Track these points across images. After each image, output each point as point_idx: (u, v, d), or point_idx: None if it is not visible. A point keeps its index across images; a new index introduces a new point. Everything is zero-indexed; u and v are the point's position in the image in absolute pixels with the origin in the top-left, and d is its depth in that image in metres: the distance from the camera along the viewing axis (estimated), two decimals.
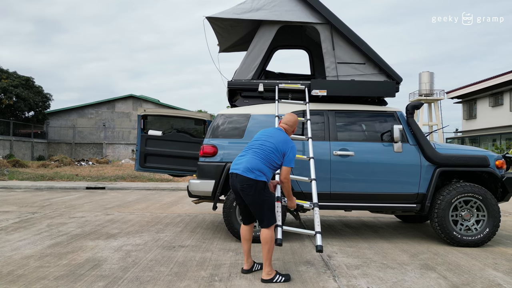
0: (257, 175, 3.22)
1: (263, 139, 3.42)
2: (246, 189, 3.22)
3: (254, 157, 3.30)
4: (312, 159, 4.25)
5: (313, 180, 4.04)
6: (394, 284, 3.25)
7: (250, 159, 3.30)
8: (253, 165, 3.24)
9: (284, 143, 3.36)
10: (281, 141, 3.36)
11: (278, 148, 3.33)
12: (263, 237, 3.23)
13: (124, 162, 22.67)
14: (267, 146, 3.34)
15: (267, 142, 3.37)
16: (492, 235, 4.50)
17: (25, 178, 13.00)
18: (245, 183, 3.21)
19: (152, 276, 3.36)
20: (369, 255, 4.13)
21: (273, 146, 3.33)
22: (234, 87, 5.25)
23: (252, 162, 3.27)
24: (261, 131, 3.58)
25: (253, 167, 3.24)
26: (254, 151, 3.36)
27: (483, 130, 27.31)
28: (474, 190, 4.49)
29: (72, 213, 6.71)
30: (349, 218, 6.57)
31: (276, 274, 3.25)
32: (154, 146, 5.77)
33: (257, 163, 3.26)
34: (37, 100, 28.25)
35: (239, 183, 3.25)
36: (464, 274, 3.52)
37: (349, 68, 5.15)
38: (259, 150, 3.34)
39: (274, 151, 3.31)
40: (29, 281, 3.21)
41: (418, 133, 4.71)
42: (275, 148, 3.32)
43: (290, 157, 3.32)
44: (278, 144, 3.34)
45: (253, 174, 3.22)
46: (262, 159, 3.29)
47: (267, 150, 3.32)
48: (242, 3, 5.16)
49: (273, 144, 3.34)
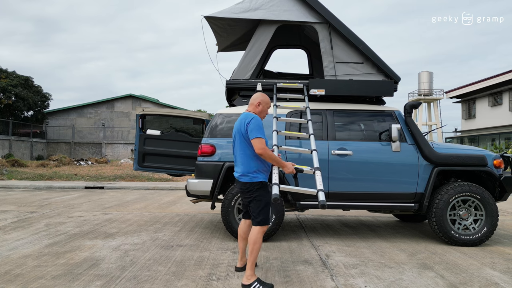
0: (252, 177, 3.21)
1: (235, 130, 3.31)
2: (245, 193, 3.27)
3: (241, 158, 3.25)
4: (315, 151, 4.04)
5: (316, 170, 3.71)
6: (392, 283, 3.25)
7: (239, 162, 3.28)
8: (245, 168, 3.22)
9: (243, 123, 3.20)
10: (241, 124, 3.22)
11: (242, 132, 3.19)
12: (253, 235, 3.16)
13: (123, 162, 22.66)
14: (239, 139, 3.23)
15: (237, 135, 3.27)
16: (490, 234, 4.50)
17: (24, 177, 12.99)
18: (243, 187, 3.26)
19: (149, 275, 3.36)
20: (367, 254, 4.13)
21: (240, 134, 3.21)
22: (233, 87, 5.26)
23: (242, 165, 3.24)
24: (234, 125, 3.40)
25: (245, 171, 3.22)
26: (236, 150, 3.29)
27: (482, 129, 27.34)
28: (472, 190, 4.50)
29: (71, 212, 6.71)
30: (347, 218, 6.57)
31: (255, 281, 3.04)
32: (152, 145, 5.77)
33: (246, 164, 3.21)
34: (36, 99, 28.22)
35: (239, 187, 3.32)
36: (462, 273, 3.52)
37: (348, 68, 5.16)
38: (239, 147, 3.25)
39: (244, 139, 3.20)
40: (27, 280, 3.20)
41: (416, 132, 4.71)
42: (241, 135, 3.20)
43: (251, 128, 3.12)
44: (240, 128, 3.21)
45: (247, 177, 3.22)
46: (246, 155, 3.21)
47: (242, 144, 3.21)
48: (241, 3, 5.16)
49: (239, 132, 3.22)
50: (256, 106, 3.36)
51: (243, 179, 3.25)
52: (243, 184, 3.27)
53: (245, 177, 3.23)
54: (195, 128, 6.02)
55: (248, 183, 3.23)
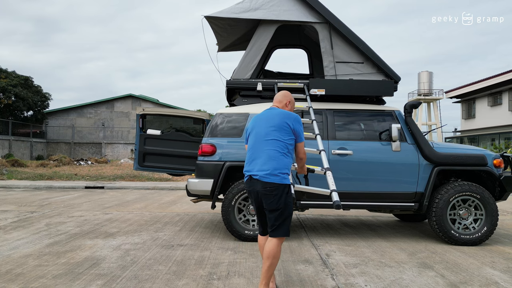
0: (282, 177, 2.77)
1: (264, 125, 2.91)
2: (268, 196, 2.76)
3: (270, 153, 2.80)
4: (323, 151, 4.05)
5: (327, 170, 3.71)
6: (392, 282, 3.26)
7: (264, 158, 2.80)
8: (276, 165, 2.77)
9: (282, 118, 2.88)
10: (280, 118, 2.88)
11: (283, 127, 2.84)
12: (271, 248, 2.74)
13: (123, 162, 22.65)
14: (271, 134, 2.85)
15: (267, 130, 2.87)
16: (490, 233, 4.51)
17: (24, 177, 12.99)
18: (268, 188, 2.75)
19: (150, 274, 3.37)
20: (367, 254, 4.14)
21: (273, 129, 2.85)
22: (233, 86, 5.26)
23: (271, 161, 2.77)
24: (254, 120, 3.04)
25: (276, 168, 2.76)
26: (260, 145, 2.86)
27: (482, 129, 27.35)
28: (472, 189, 4.51)
29: (71, 212, 6.71)
30: (347, 217, 6.58)
31: None
32: (152, 145, 5.77)
33: (278, 161, 2.78)
34: (36, 99, 28.22)
35: (261, 187, 2.77)
36: (462, 273, 3.53)
37: (348, 67, 5.16)
38: (267, 143, 2.84)
39: (281, 135, 2.83)
40: (28, 279, 3.21)
41: (416, 132, 4.72)
42: (279, 128, 2.84)
43: (300, 130, 2.89)
44: (280, 123, 2.86)
45: (277, 177, 2.76)
46: (278, 152, 2.81)
47: (276, 139, 2.83)
48: (241, 2, 5.17)
49: (274, 127, 2.85)
50: (285, 105, 3.11)
51: (270, 179, 2.74)
52: (268, 185, 2.74)
53: (274, 176, 2.75)
54: (195, 128, 6.03)
55: (277, 184, 2.74)
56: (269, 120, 2.91)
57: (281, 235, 2.78)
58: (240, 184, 4.62)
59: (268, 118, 2.93)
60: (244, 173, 2.94)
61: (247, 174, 2.89)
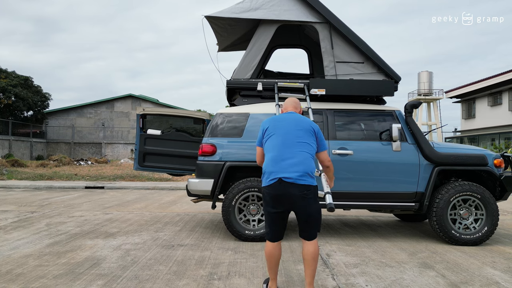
0: (312, 180, 2.74)
1: (293, 127, 2.86)
2: (303, 199, 2.67)
3: (300, 156, 2.74)
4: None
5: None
6: (393, 282, 3.26)
7: (295, 160, 2.72)
8: (306, 168, 2.71)
9: (307, 122, 2.90)
10: (304, 123, 2.90)
11: (309, 130, 2.86)
12: (315, 249, 2.71)
13: (123, 162, 22.65)
14: (301, 137, 2.82)
15: (298, 131, 2.84)
16: (491, 233, 4.51)
17: (24, 177, 12.99)
18: (303, 191, 2.66)
19: (151, 274, 3.37)
20: (368, 254, 4.14)
21: (302, 132, 2.84)
22: (233, 86, 5.26)
23: (302, 164, 2.71)
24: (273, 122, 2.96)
25: (308, 170, 2.71)
26: (287, 147, 2.78)
27: (482, 129, 27.36)
28: (473, 189, 4.51)
29: (71, 212, 6.71)
30: (347, 217, 6.58)
31: None
32: (153, 145, 5.77)
33: (307, 163, 2.73)
34: (36, 99, 28.21)
35: (298, 190, 2.66)
36: (463, 273, 3.53)
37: (348, 67, 5.16)
38: (295, 145, 2.78)
39: (308, 137, 2.84)
40: (28, 279, 3.21)
41: (417, 132, 4.71)
42: (306, 132, 2.84)
43: (322, 137, 2.93)
44: (306, 127, 2.86)
45: (312, 179, 2.72)
46: (306, 154, 2.77)
47: (305, 142, 2.81)
48: (241, 2, 5.16)
49: (302, 129, 2.85)
50: (300, 112, 3.14)
51: (307, 181, 2.68)
52: (305, 188, 2.67)
53: (310, 178, 2.71)
54: (195, 127, 6.02)
55: (312, 186, 2.70)
56: (297, 123, 2.88)
57: (316, 235, 2.81)
58: (240, 184, 4.61)
59: (296, 121, 2.89)
60: (268, 174, 2.75)
61: (275, 176, 2.70)
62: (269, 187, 2.73)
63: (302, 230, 2.78)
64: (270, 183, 2.72)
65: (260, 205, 4.68)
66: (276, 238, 2.84)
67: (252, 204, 4.68)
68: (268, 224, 2.84)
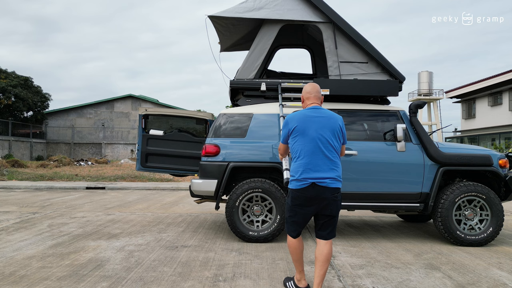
0: (341, 182, 2.83)
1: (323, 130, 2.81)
2: (334, 201, 2.77)
3: (333, 160, 2.79)
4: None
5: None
6: (400, 284, 3.23)
7: (333, 164, 2.78)
8: (338, 172, 2.80)
9: (336, 121, 2.85)
10: (334, 122, 2.84)
11: (337, 131, 2.84)
12: (330, 250, 2.80)
13: (123, 162, 22.61)
14: (332, 139, 2.81)
15: (330, 134, 2.81)
16: (496, 234, 4.49)
17: (25, 178, 12.95)
18: (334, 194, 2.76)
19: (155, 276, 3.34)
20: (373, 255, 4.11)
21: (333, 133, 2.81)
22: (237, 86, 5.23)
23: (336, 168, 2.79)
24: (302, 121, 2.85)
25: (340, 174, 2.81)
26: (320, 149, 2.77)
27: (482, 129, 27.35)
28: (478, 190, 4.48)
29: (73, 213, 6.68)
30: (351, 218, 6.55)
31: None
32: (155, 145, 5.74)
33: (338, 167, 2.81)
34: (36, 100, 28.15)
35: (330, 193, 2.74)
36: (469, 274, 3.51)
37: (352, 67, 5.14)
38: (327, 148, 2.78)
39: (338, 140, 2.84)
40: (32, 281, 3.18)
41: (421, 132, 4.69)
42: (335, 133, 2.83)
43: (345, 133, 2.93)
44: (335, 127, 2.82)
45: (340, 182, 2.81)
46: (337, 157, 2.83)
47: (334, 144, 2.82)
48: (244, 2, 5.14)
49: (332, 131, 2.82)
50: (322, 101, 3.03)
51: (337, 185, 2.78)
52: (336, 191, 2.77)
53: (339, 182, 2.80)
54: (197, 128, 5.99)
55: (340, 188, 2.80)
56: (325, 125, 2.82)
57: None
58: (244, 184, 4.59)
59: (324, 122, 2.82)
60: (300, 178, 2.77)
61: (307, 182, 2.74)
62: (301, 190, 2.79)
63: (322, 229, 2.85)
64: (302, 186, 2.78)
65: (264, 205, 4.65)
66: (299, 234, 2.98)
67: (256, 205, 4.66)
68: (294, 222, 2.90)
